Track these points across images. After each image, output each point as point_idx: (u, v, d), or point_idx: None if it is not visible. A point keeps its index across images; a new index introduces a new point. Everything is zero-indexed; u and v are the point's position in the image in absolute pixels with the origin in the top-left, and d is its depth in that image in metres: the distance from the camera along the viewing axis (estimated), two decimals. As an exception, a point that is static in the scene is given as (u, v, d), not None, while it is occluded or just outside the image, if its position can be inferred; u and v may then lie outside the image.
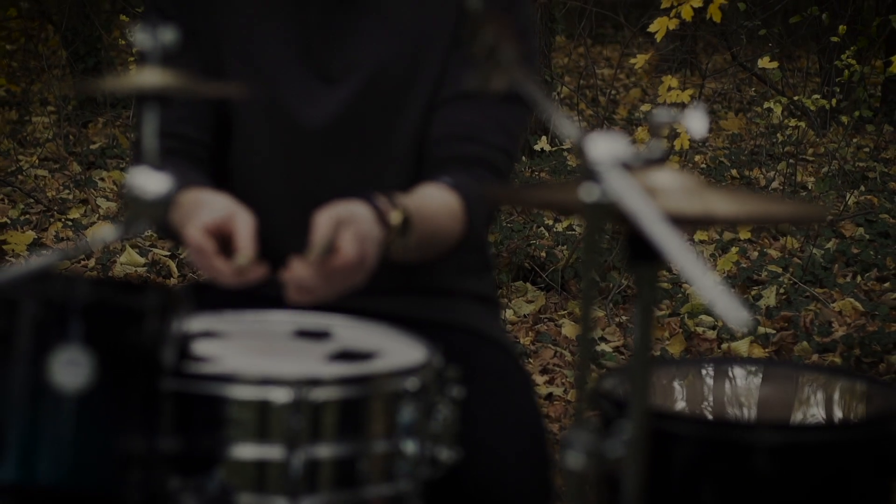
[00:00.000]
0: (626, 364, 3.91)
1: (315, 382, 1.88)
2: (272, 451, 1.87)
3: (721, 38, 8.69)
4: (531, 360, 5.05)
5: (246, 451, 1.87)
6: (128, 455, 1.75)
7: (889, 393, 2.20)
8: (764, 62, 5.36)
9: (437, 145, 2.36)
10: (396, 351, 2.06)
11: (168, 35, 1.78)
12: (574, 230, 6.13)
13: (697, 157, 7.81)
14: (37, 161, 8.09)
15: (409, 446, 1.96)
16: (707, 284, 1.37)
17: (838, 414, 2.26)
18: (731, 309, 1.34)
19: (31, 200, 7.04)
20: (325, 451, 1.89)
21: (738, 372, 2.31)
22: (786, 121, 6.25)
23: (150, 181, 1.69)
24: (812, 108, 5.92)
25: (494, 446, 2.15)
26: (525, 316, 5.50)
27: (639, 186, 1.47)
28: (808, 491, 2.00)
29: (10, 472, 1.71)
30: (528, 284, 5.77)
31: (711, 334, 5.14)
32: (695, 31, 9.60)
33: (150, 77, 1.75)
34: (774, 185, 6.87)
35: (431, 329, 2.17)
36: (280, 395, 1.87)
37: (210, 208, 2.09)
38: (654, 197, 1.70)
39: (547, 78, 7.61)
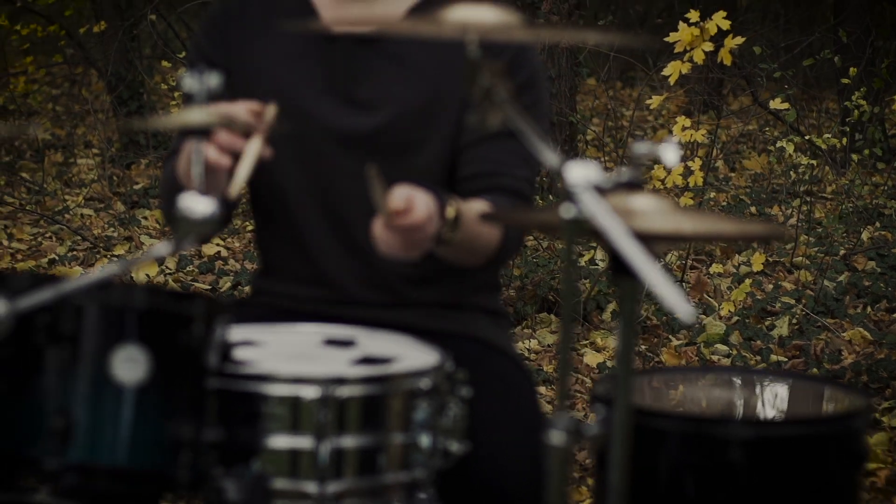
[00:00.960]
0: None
1: (340, 381, 2.16)
2: (303, 442, 2.15)
3: (743, 79, 8.97)
4: (554, 387, 5.31)
5: (280, 441, 2.14)
6: (178, 441, 2.02)
7: (851, 395, 2.46)
8: (776, 103, 5.62)
9: (469, 181, 2.65)
10: (412, 356, 2.33)
11: (213, 80, 2.07)
12: (597, 264, 6.39)
13: (720, 196, 8.07)
14: (83, 201, 8.40)
15: (423, 439, 2.23)
16: (664, 287, 1.64)
17: (807, 412, 2.52)
18: (679, 304, 1.61)
19: (78, 238, 7.35)
20: (349, 441, 2.16)
21: (718, 378, 2.59)
22: (798, 159, 6.52)
23: (197, 204, 1.97)
24: (823, 146, 6.18)
25: (498, 440, 2.42)
26: (549, 345, 5.75)
27: (609, 206, 1.74)
28: (780, 480, 2.26)
29: (79, 454, 1.99)
30: (552, 316, 6.03)
31: (726, 362, 5.38)
32: (721, 73, 9.84)
33: (196, 115, 2.04)
34: (791, 221, 7.12)
35: (445, 338, 2.46)
36: (309, 393, 2.14)
37: None
38: (631, 217, 1.98)
39: (573, 120, 7.89)
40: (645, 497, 2.26)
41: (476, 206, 2.52)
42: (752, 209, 7.44)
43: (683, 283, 6.23)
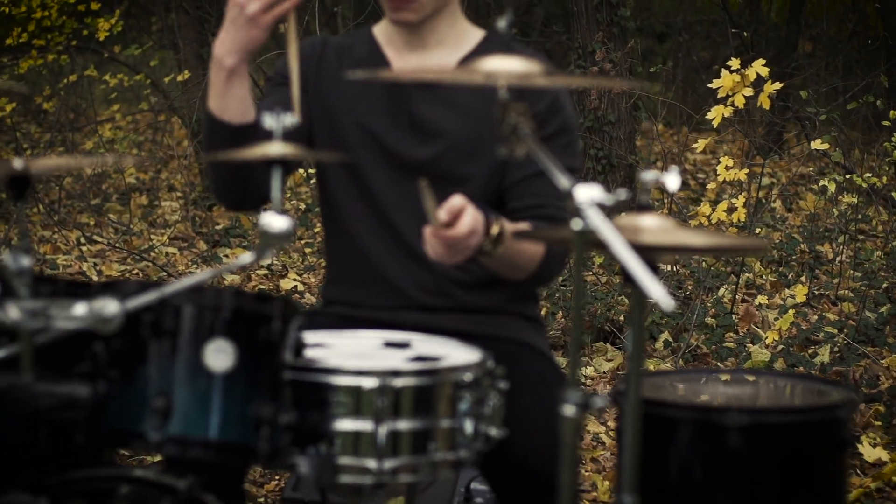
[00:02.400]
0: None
1: (396, 374, 2.55)
2: (364, 425, 2.54)
3: (798, 122, 9.31)
4: (608, 410, 5.68)
5: (345, 424, 2.54)
6: (259, 419, 2.43)
7: (838, 390, 2.83)
8: (816, 144, 5.96)
9: (517, 213, 3.07)
10: (458, 355, 2.72)
11: (288, 119, 2.49)
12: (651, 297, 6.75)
13: (774, 234, 8.40)
14: (167, 240, 8.87)
15: (467, 425, 2.62)
16: (649, 282, 2.03)
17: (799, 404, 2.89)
18: (660, 296, 2.00)
19: (164, 274, 7.81)
20: (403, 425, 2.55)
21: (711, 377, 2.97)
22: (840, 197, 6.85)
23: (275, 221, 2.39)
24: (864, 185, 6.51)
25: (532, 427, 2.80)
26: (604, 372, 6.12)
27: (609, 220, 2.13)
28: (774, 463, 2.63)
29: (177, 428, 2.40)
30: (608, 345, 6.40)
31: (770, 387, 5.72)
32: (774, 117, 10.16)
33: (275, 148, 2.46)
34: (841, 258, 7.44)
35: (489, 340, 2.89)
36: (369, 383, 2.53)
37: None
38: (639, 232, 2.37)
39: (632, 162, 8.28)
40: (657, 475, 2.64)
41: (520, 227, 2.93)
42: (803, 246, 7.76)
43: (734, 315, 6.58)
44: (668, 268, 7.31)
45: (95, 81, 11.32)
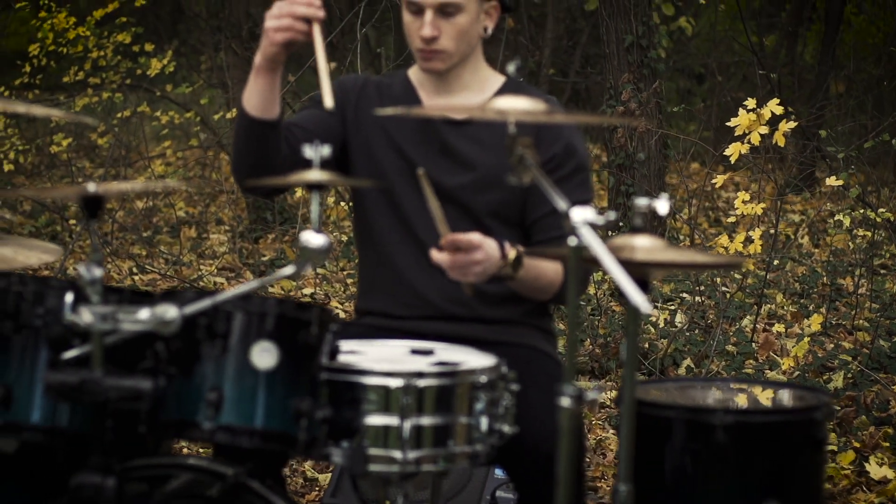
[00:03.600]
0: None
1: (419, 375, 2.90)
2: (391, 420, 2.88)
3: (823, 160, 9.62)
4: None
5: (374, 419, 2.88)
6: (298, 412, 2.78)
7: (815, 395, 3.16)
8: (831, 181, 6.28)
9: (540, 245, 3.42)
10: (475, 360, 3.07)
11: (325, 150, 2.85)
12: (675, 325, 7.08)
13: (798, 268, 8.72)
14: (215, 270, 9.26)
15: (483, 422, 2.96)
16: (629, 288, 2.37)
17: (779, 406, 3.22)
18: (639, 300, 2.34)
19: (212, 302, 8.17)
20: (426, 420, 2.89)
21: (704, 385, 3.31)
22: (856, 231, 7.16)
23: (313, 238, 2.74)
24: (878, 220, 6.82)
25: (541, 424, 3.13)
26: (629, 396, 6.44)
27: (600, 239, 2.48)
28: (757, 457, 2.96)
29: (227, 418, 2.75)
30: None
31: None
32: (808, 155, 10.46)
33: (313, 175, 2.82)
34: (861, 290, 7.75)
35: (502, 347, 3.24)
36: (396, 383, 2.88)
37: None
38: (632, 250, 2.71)
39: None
40: (654, 469, 2.98)
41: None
42: (825, 279, 8.07)
43: (754, 343, 6.89)
44: (692, 298, 7.63)
45: (147, 118, 11.73)
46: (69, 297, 2.80)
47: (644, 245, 2.74)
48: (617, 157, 8.59)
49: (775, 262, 7.38)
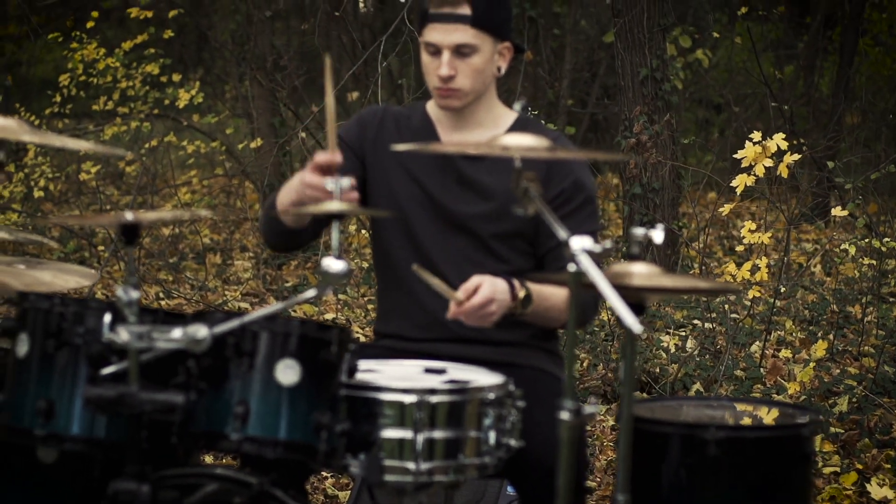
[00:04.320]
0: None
1: (432, 392, 3.11)
2: (405, 433, 3.09)
3: (832, 190, 9.82)
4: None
5: (389, 433, 3.10)
6: (319, 424, 2.99)
7: (802, 412, 3.36)
8: (836, 211, 6.48)
9: (554, 258, 3.66)
10: (484, 379, 3.28)
11: (345, 182, 3.08)
12: (686, 351, 7.29)
13: (809, 296, 8.91)
14: (239, 296, 9.48)
15: (491, 436, 3.18)
16: (621, 308, 2.58)
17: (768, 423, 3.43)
18: (629, 320, 2.55)
19: (236, 326, 8.40)
20: (438, 434, 3.11)
21: (700, 403, 3.51)
22: (861, 259, 7.36)
23: (333, 264, 2.96)
24: (884, 249, 7.01)
25: (545, 438, 3.34)
26: (640, 420, 6.65)
27: (597, 266, 2.69)
28: (748, 471, 3.17)
29: (253, 430, 2.97)
30: (644, 394, 6.92)
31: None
32: (819, 186, 10.65)
33: (334, 205, 3.05)
34: (869, 318, 7.94)
35: (514, 367, 3.47)
36: (410, 399, 3.10)
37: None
38: (629, 276, 2.93)
39: (674, 228, 8.83)
40: (651, 480, 3.19)
41: (555, 290, 3.54)
42: (834, 307, 8.27)
43: (762, 368, 7.09)
44: (703, 325, 7.84)
45: (174, 147, 11.98)
46: (107, 318, 3.03)
47: (641, 271, 2.95)
48: (632, 188, 8.81)
49: (782, 289, 7.56)
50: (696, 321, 8.14)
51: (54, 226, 10.92)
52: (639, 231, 2.99)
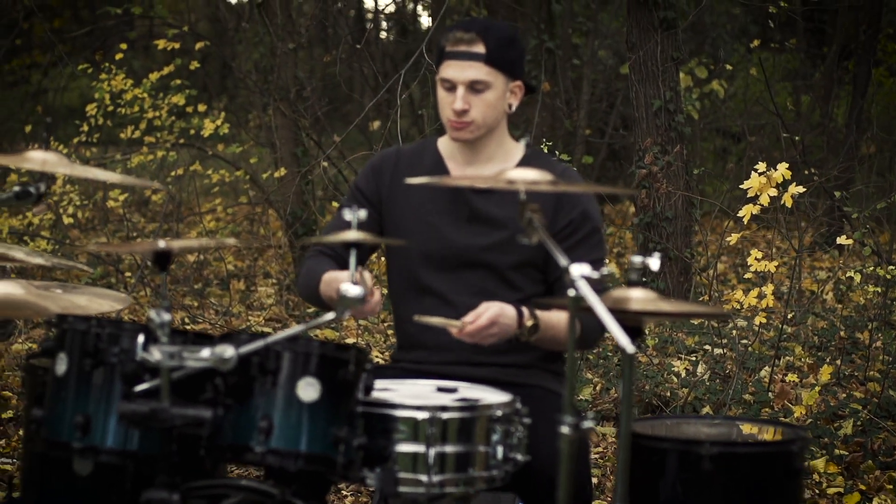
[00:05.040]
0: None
1: (443, 409, 3.33)
2: (418, 448, 3.30)
3: (842, 220, 10.01)
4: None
5: (403, 447, 3.31)
6: (337, 438, 3.21)
7: (793, 430, 3.57)
8: (842, 240, 6.69)
9: (559, 282, 3.88)
10: (493, 397, 3.50)
11: (362, 213, 3.30)
12: (696, 375, 7.48)
13: (819, 322, 9.10)
14: (262, 321, 9.71)
15: (499, 451, 3.39)
16: (616, 330, 2.80)
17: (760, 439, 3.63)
18: (623, 342, 2.77)
19: (259, 351, 8.62)
20: (449, 448, 3.32)
21: (698, 421, 3.72)
22: (866, 287, 7.56)
23: (350, 289, 3.18)
24: (888, 277, 7.20)
25: (550, 453, 3.54)
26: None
27: (596, 292, 2.91)
28: (741, 484, 3.37)
29: (276, 442, 3.18)
30: (650, 415, 7.12)
31: (797, 455, 6.41)
32: (833, 214, 10.83)
33: (352, 235, 3.27)
34: (877, 344, 8.13)
35: (521, 387, 3.69)
36: (422, 415, 3.31)
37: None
38: (627, 301, 3.14)
39: (687, 256, 9.03)
40: (650, 493, 3.40)
41: (561, 316, 3.76)
42: (843, 333, 8.45)
43: (770, 392, 7.28)
44: (714, 350, 8.03)
45: (199, 175, 12.22)
46: (141, 338, 3.26)
47: (638, 297, 3.16)
48: (645, 216, 9.02)
49: (790, 315, 7.75)
50: (707, 346, 8.34)
51: (82, 252, 11.17)
52: (637, 259, 3.20)
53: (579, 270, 2.94)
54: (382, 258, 9.52)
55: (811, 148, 14.52)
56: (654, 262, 3.19)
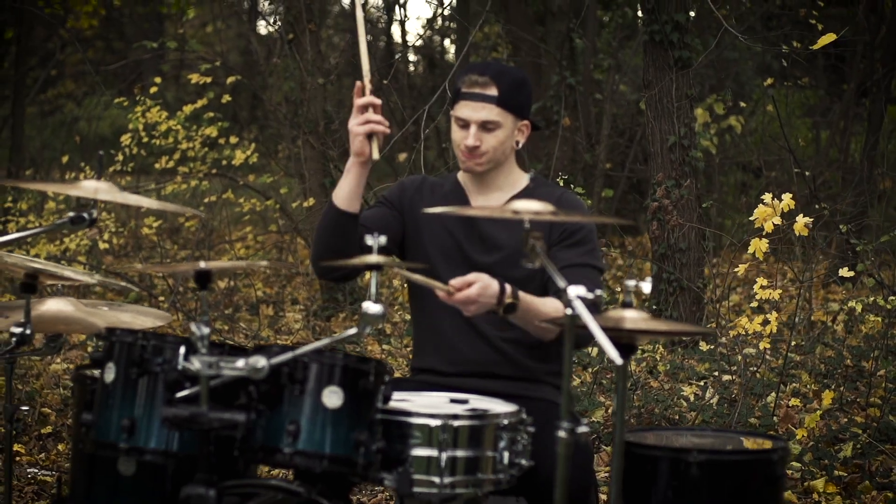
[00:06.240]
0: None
1: (455, 417, 3.67)
2: (432, 452, 3.64)
3: (847, 252, 10.32)
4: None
5: (418, 451, 3.65)
6: (358, 441, 3.55)
7: (775, 441, 3.90)
8: (844, 272, 7.02)
9: (557, 295, 4.22)
10: (500, 408, 3.84)
11: (382, 239, 3.66)
12: (703, 398, 7.81)
13: (827, 351, 9.41)
14: (290, 344, 10.06)
15: (505, 456, 3.73)
16: (606, 344, 3.14)
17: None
18: (613, 355, 3.11)
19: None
20: (460, 453, 3.66)
21: (689, 433, 4.05)
22: (867, 316, 7.87)
23: (371, 307, 3.54)
24: (888, 307, 7.52)
25: (552, 459, 3.87)
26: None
27: (586, 311, 3.25)
28: (725, 489, 3.70)
29: (303, 445, 3.53)
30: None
31: (797, 475, 6.73)
32: (843, 248, 11.13)
33: (372, 258, 3.62)
34: (881, 372, 8.44)
35: (523, 399, 4.03)
36: (436, 423, 3.65)
37: None
38: (622, 320, 3.48)
39: (699, 286, 9.37)
40: (642, 497, 3.73)
41: (546, 300, 4.13)
42: (849, 361, 8.77)
43: (775, 417, 7.60)
44: (723, 377, 8.36)
45: (229, 204, 12.60)
46: (182, 350, 3.61)
47: (632, 317, 3.51)
48: (660, 248, 9.36)
49: (794, 342, 8.07)
50: (716, 373, 8.66)
51: (132, 272, 11.55)
52: (630, 282, 3.55)
53: (575, 291, 3.28)
54: (405, 285, 9.87)
55: (830, 183, 14.85)
56: (646, 286, 3.54)
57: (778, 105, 11.71)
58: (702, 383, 8.40)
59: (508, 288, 4.03)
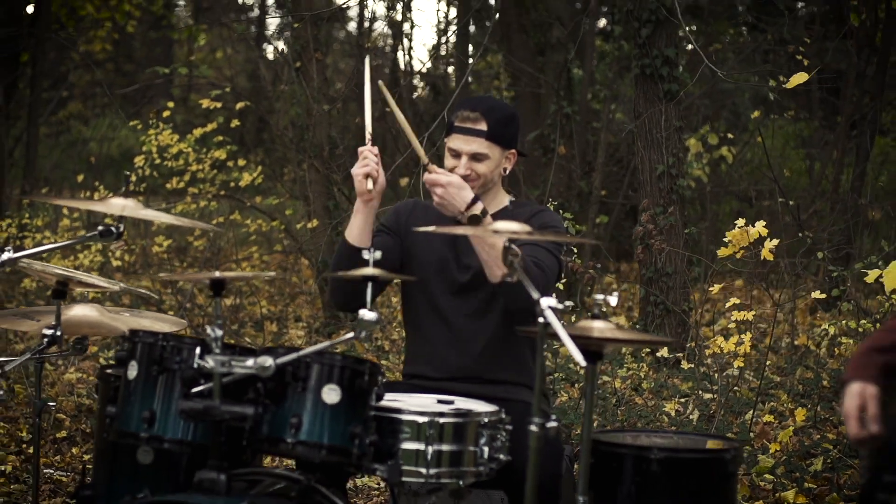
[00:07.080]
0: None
1: (441, 415, 4.09)
2: (419, 446, 4.06)
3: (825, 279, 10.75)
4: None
5: (407, 445, 4.06)
6: (354, 434, 3.97)
7: (730, 442, 4.32)
8: (815, 294, 7.45)
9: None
10: (482, 408, 4.26)
11: (377, 254, 4.08)
12: (689, 419, 8.23)
13: (807, 372, 9.82)
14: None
15: (485, 451, 4.15)
16: (572, 347, 3.56)
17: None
18: (579, 359, 3.54)
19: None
20: (445, 447, 4.07)
21: (655, 435, 4.46)
22: (840, 338, 8.29)
23: (367, 315, 3.96)
24: (860, 330, 7.92)
25: (528, 455, 4.31)
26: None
27: (559, 320, 3.68)
28: (683, 484, 4.12)
29: (304, 436, 3.95)
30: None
31: (769, 486, 7.14)
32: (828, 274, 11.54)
33: (367, 270, 4.05)
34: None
35: (503, 401, 4.46)
36: (423, 419, 4.07)
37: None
38: (590, 330, 3.91)
39: (683, 310, 9.79)
40: (608, 491, 4.15)
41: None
42: (825, 382, 9.19)
43: (752, 432, 8.01)
44: (704, 395, 8.77)
45: (236, 224, 13.00)
46: (198, 350, 4.04)
47: (599, 327, 3.93)
48: (647, 272, 9.79)
49: (768, 362, 8.47)
50: (699, 392, 9.07)
51: (156, 279, 11.94)
52: (598, 297, 3.97)
53: (547, 302, 3.71)
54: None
55: (822, 213, 15.23)
56: (613, 300, 3.96)
57: (764, 136, 12.13)
58: (683, 400, 8.81)
59: (480, 205, 4.51)
